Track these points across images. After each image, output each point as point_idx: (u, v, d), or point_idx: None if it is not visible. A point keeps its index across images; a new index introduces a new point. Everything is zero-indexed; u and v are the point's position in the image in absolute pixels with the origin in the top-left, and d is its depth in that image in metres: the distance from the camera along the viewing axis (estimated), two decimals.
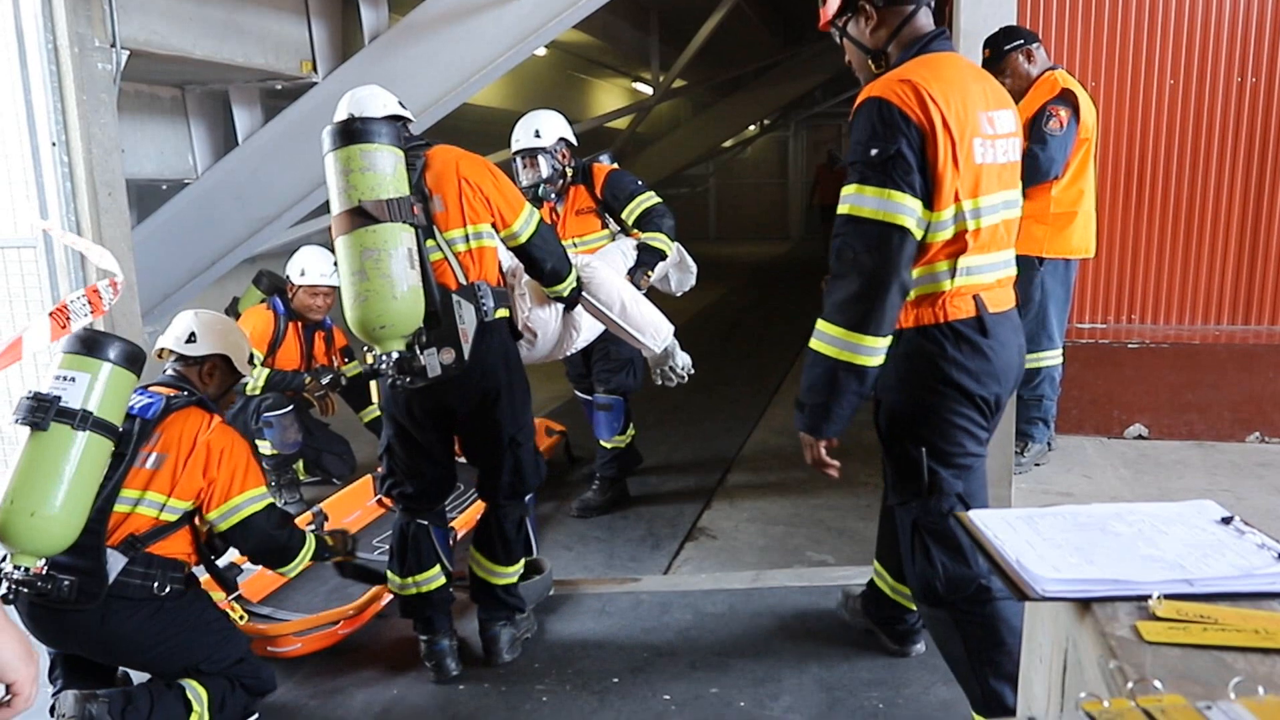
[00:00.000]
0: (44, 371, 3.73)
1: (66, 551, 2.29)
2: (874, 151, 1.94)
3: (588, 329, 3.33)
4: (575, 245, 3.94)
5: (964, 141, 1.97)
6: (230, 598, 3.02)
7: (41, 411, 2.27)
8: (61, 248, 4.03)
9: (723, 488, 4.56)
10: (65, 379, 2.33)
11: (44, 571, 2.31)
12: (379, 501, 4.26)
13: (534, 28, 5.36)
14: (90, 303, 3.07)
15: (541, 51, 8.40)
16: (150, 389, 2.61)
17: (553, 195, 3.95)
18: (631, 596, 3.26)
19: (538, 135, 3.89)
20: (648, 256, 3.79)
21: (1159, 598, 1.08)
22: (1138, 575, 1.13)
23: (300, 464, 4.60)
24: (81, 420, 2.28)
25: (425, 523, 2.87)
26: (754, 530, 4.01)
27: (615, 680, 2.74)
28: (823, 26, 2.30)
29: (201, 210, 5.81)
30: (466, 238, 2.64)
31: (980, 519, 1.30)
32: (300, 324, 4.47)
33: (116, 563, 2.38)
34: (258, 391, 4.29)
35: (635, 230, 3.92)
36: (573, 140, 4.00)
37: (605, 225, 4.06)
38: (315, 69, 5.65)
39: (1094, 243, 3.86)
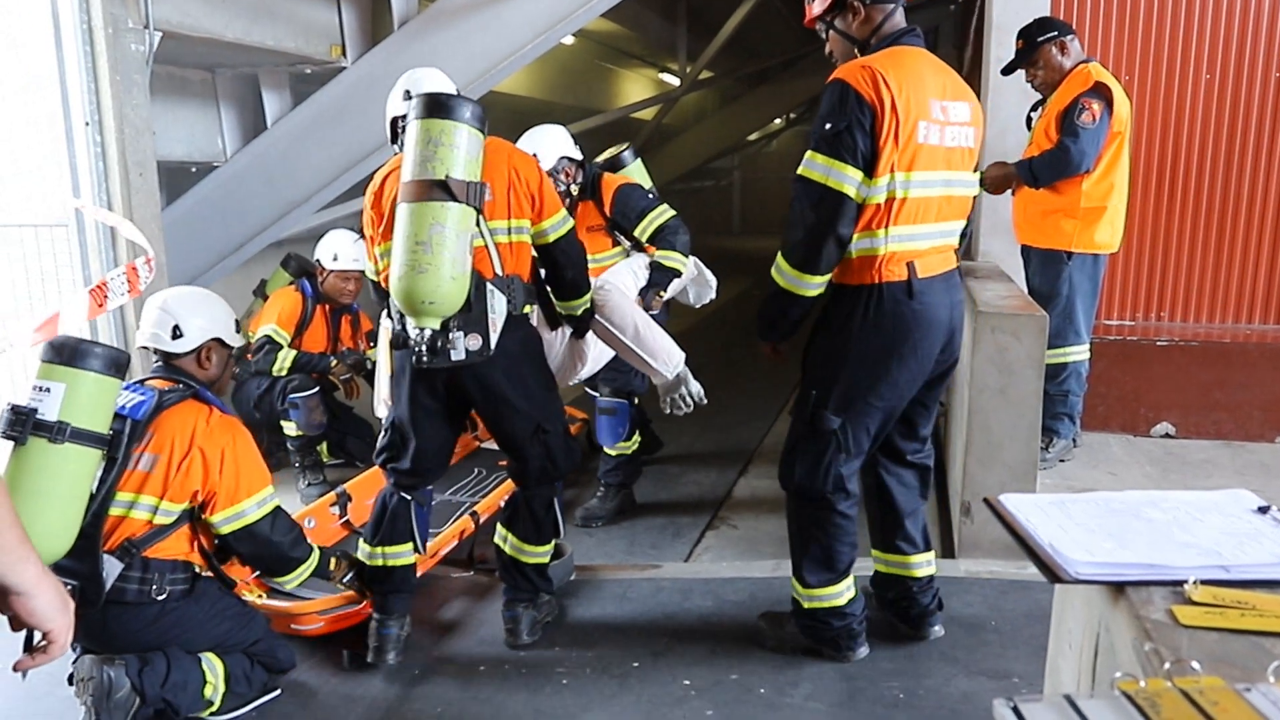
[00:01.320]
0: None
1: (65, 557, 2.26)
2: (828, 126, 2.30)
3: (594, 360, 3.27)
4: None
5: (907, 122, 2.28)
6: (252, 576, 3.05)
7: (19, 425, 2.18)
8: (93, 226, 4.08)
9: (744, 478, 4.56)
10: (41, 389, 2.24)
11: None
12: None
13: (562, 15, 5.36)
14: (128, 281, 3.09)
15: (569, 40, 8.40)
16: (144, 384, 2.55)
17: None
18: (652, 582, 3.27)
19: (536, 159, 3.80)
20: (660, 276, 3.71)
21: (1195, 583, 1.07)
22: (1173, 560, 1.12)
23: (324, 446, 4.63)
24: (59, 433, 2.19)
25: (409, 498, 2.86)
26: (775, 521, 3.99)
27: (636, 664, 2.75)
28: (809, 22, 2.60)
29: (230, 193, 5.85)
30: (509, 230, 2.65)
31: (1013, 503, 1.29)
32: (328, 307, 4.51)
33: (113, 568, 2.36)
34: (284, 372, 4.33)
35: (649, 246, 3.80)
36: (575, 155, 3.84)
37: (617, 243, 3.92)
38: (344, 53, 5.68)
39: (1119, 239, 3.82)
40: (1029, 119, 3.89)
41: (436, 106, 2.48)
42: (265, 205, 5.88)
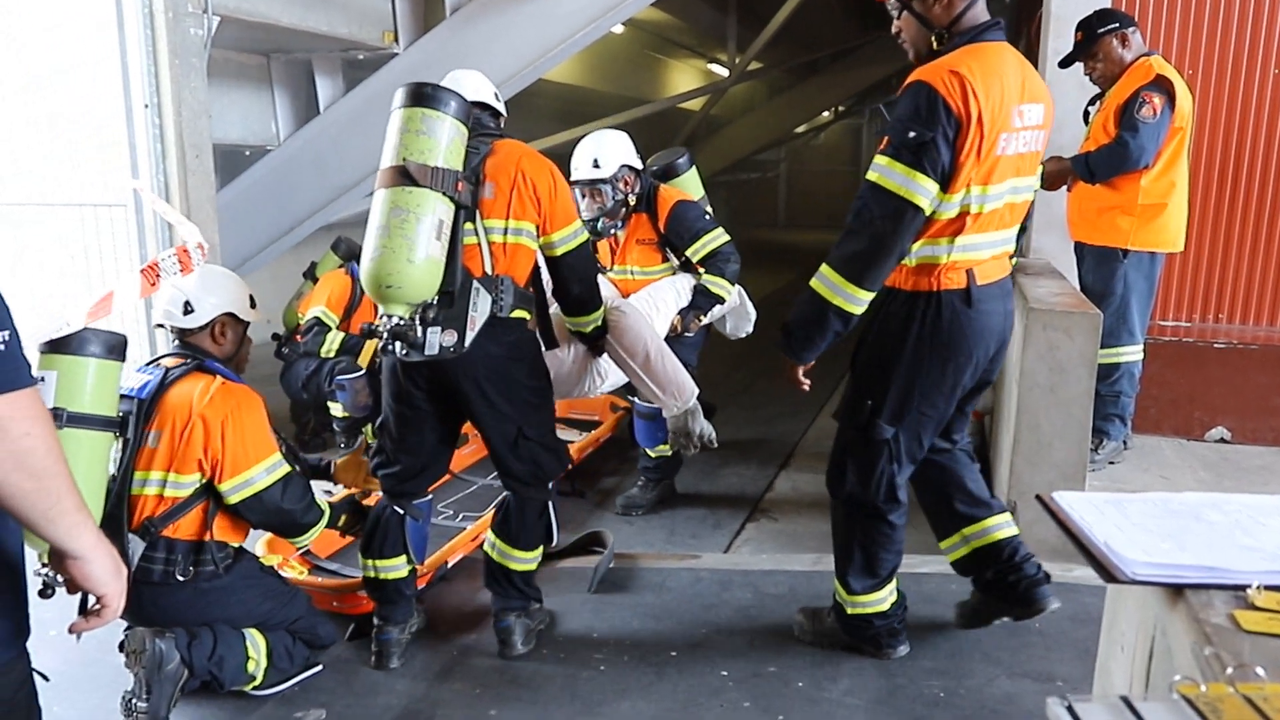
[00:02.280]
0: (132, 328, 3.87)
1: None
2: (912, 134, 2.15)
3: (616, 374, 3.20)
4: (633, 275, 3.81)
5: (990, 136, 2.16)
6: (297, 553, 3.11)
7: None
8: (150, 208, 4.16)
9: (785, 472, 4.54)
10: (39, 380, 2.15)
11: None
12: None
13: (613, 4, 5.36)
14: (180, 261, 3.15)
15: (619, 29, 8.40)
16: (156, 363, 2.58)
17: (613, 230, 3.74)
18: (691, 573, 3.27)
19: (596, 165, 3.62)
20: (703, 300, 3.66)
21: (1259, 588, 1.04)
22: (1235, 564, 1.09)
23: (370, 428, 4.69)
24: (56, 419, 2.18)
25: (401, 512, 2.78)
26: (816, 515, 3.97)
27: (673, 654, 2.75)
28: None
29: (282, 177, 5.95)
30: (505, 230, 2.57)
31: (1066, 501, 1.27)
32: None
33: (137, 548, 2.40)
34: (332, 354, 4.39)
35: (699, 267, 3.74)
36: (636, 164, 3.73)
37: (666, 259, 3.84)
38: (396, 39, 5.74)
39: (1183, 237, 3.72)
40: (1086, 113, 3.80)
41: (409, 96, 2.48)
42: (316, 189, 5.97)
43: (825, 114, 16.85)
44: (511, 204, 2.57)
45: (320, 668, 2.70)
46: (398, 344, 2.48)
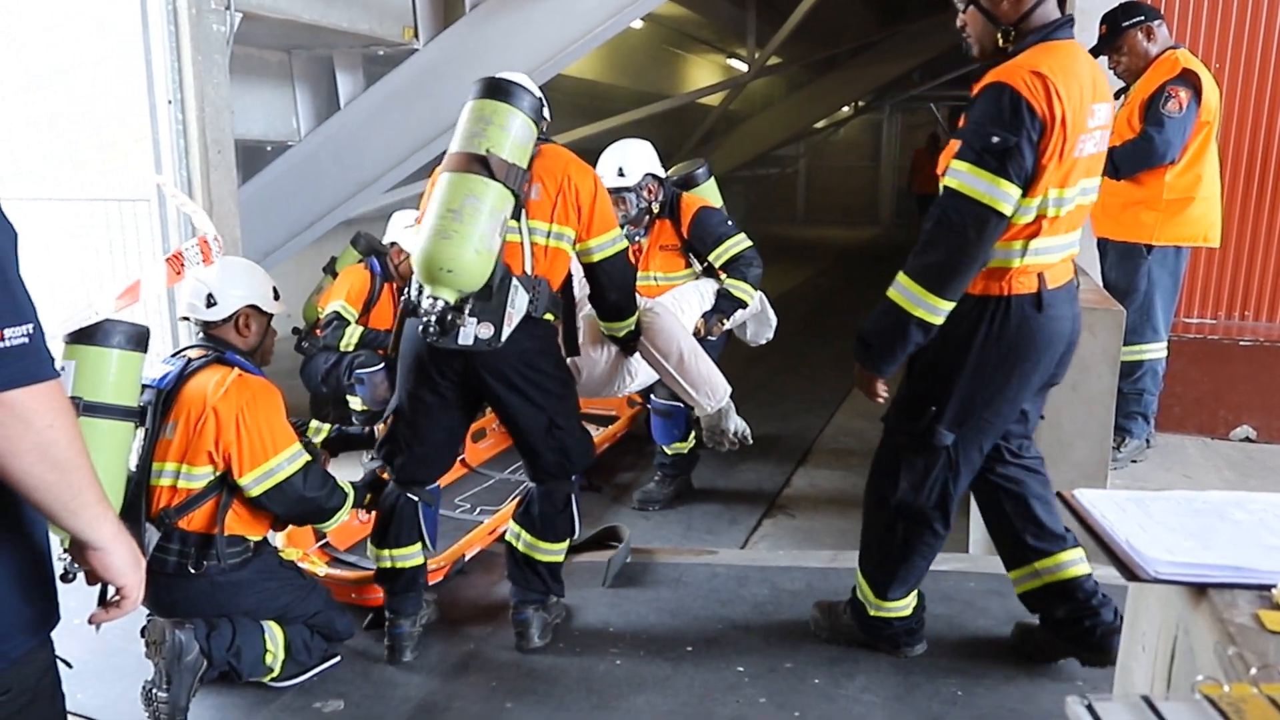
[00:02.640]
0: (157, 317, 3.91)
1: None
2: (995, 139, 2.06)
3: (644, 375, 3.22)
4: (656, 280, 3.83)
5: (1071, 138, 2.09)
6: (316, 546, 3.13)
7: None
8: (173, 204, 4.20)
9: (803, 467, 4.52)
10: (60, 370, 2.21)
11: None
12: (462, 461, 4.36)
13: None
14: (202, 251, 3.18)
15: (638, 24, 8.39)
16: (179, 354, 2.60)
17: (637, 237, 3.81)
18: (708, 568, 3.26)
19: (621, 174, 3.70)
20: (726, 304, 3.69)
21: None
22: (1260, 564, 1.07)
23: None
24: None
25: (415, 499, 2.79)
26: (833, 511, 3.97)
27: (689, 649, 2.75)
28: None
29: (303, 172, 5.99)
30: (548, 233, 2.61)
31: (1088, 498, 1.26)
32: (395, 285, 4.58)
33: (152, 537, 2.43)
34: (351, 348, 4.42)
35: (721, 272, 3.78)
36: (659, 173, 3.81)
37: (689, 264, 3.90)
38: (416, 35, 5.75)
39: (1218, 231, 3.66)
40: None
41: (494, 89, 2.50)
42: (336, 184, 6.01)
43: (845, 109, 16.75)
44: (556, 208, 2.60)
45: (338, 659, 2.72)
46: (437, 328, 2.47)
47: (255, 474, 2.46)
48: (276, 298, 2.75)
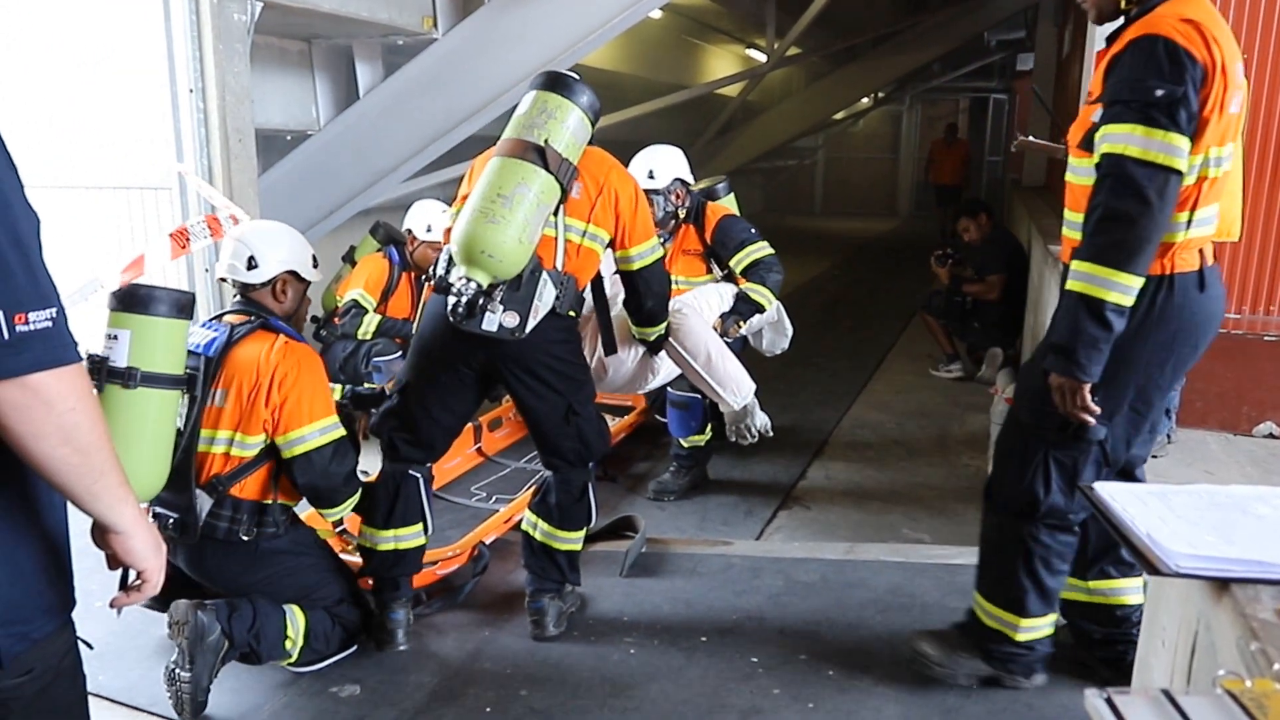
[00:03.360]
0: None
1: (165, 491, 2.38)
2: (1160, 92, 1.90)
3: (665, 372, 3.26)
4: (677, 284, 3.82)
5: (1230, 89, 1.95)
6: (336, 531, 3.15)
7: (96, 374, 2.22)
8: (194, 191, 4.23)
9: (819, 460, 4.51)
10: (111, 337, 2.28)
11: (150, 512, 2.45)
12: (479, 450, 4.38)
13: None
14: (210, 227, 3.19)
15: (657, 14, 8.35)
16: (220, 320, 2.62)
17: (663, 237, 3.80)
18: (722, 559, 3.26)
19: (651, 176, 3.76)
20: (744, 307, 3.71)
21: None
22: None
23: None
24: (129, 378, 2.24)
25: (418, 475, 2.78)
26: (849, 503, 3.96)
27: (703, 639, 2.75)
28: None
29: (322, 162, 6.01)
30: (584, 233, 2.63)
31: (1108, 491, 1.24)
32: (413, 274, 4.60)
33: (204, 503, 2.47)
34: (369, 336, 4.44)
35: (741, 278, 3.82)
36: (688, 179, 3.87)
37: (710, 270, 3.97)
38: (436, 25, 5.74)
39: (1238, 225, 3.61)
40: None
41: (558, 82, 2.51)
42: (355, 174, 6.02)
43: (864, 100, 16.63)
44: (595, 209, 2.63)
45: (355, 648, 2.73)
46: (465, 310, 2.46)
47: (288, 437, 2.49)
48: (315, 266, 2.79)
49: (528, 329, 2.50)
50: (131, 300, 2.29)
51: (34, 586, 1.19)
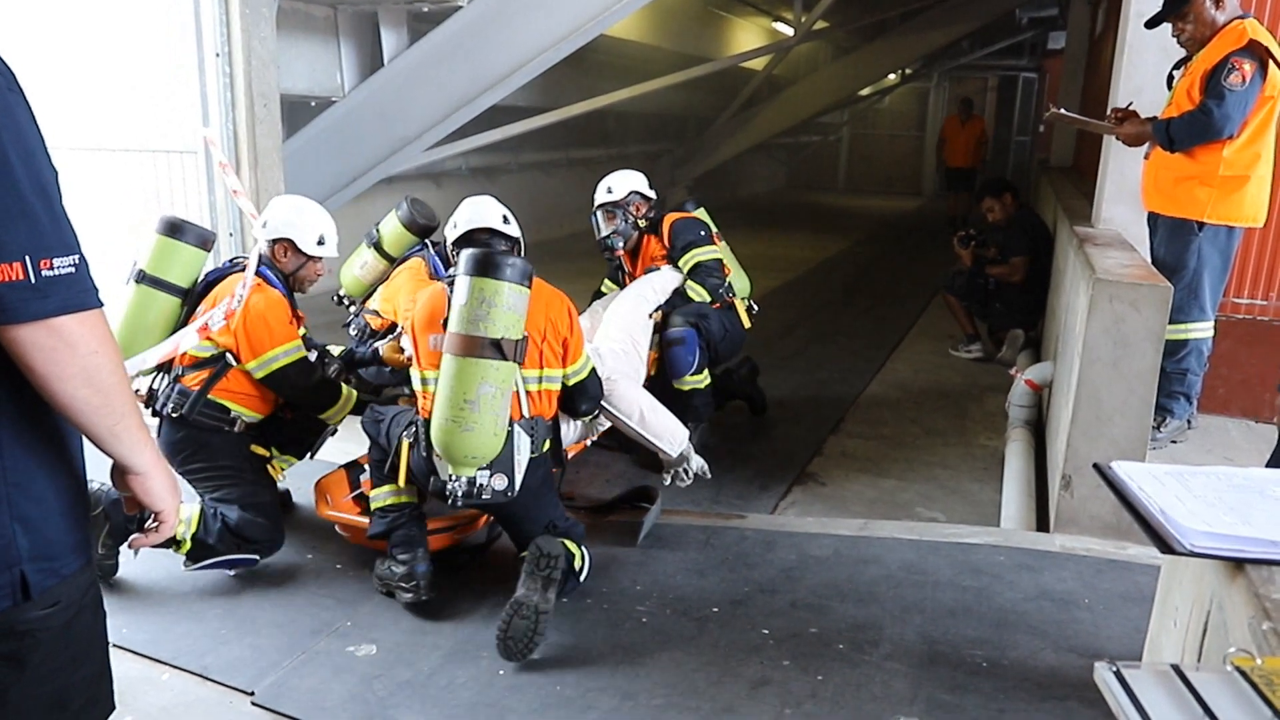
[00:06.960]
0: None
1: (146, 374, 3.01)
2: None
3: (618, 409, 3.41)
4: None
5: None
6: (351, 495, 3.19)
7: (131, 272, 3.06)
8: (220, 153, 4.25)
9: (835, 436, 4.51)
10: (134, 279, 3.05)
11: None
12: None
13: None
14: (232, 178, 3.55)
15: None
16: (234, 260, 3.18)
17: (621, 244, 4.13)
18: (736, 532, 3.28)
19: (610, 191, 4.11)
20: (680, 302, 3.95)
21: None
22: None
23: None
24: (140, 278, 3.02)
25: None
26: (864, 481, 3.97)
27: (715, 610, 2.78)
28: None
29: (346, 128, 6.02)
30: (540, 379, 2.77)
31: (1125, 470, 1.24)
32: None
33: (161, 383, 3.05)
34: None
35: (687, 279, 4.03)
36: (647, 193, 4.15)
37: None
38: None
39: (1264, 211, 3.57)
40: (1170, 77, 3.65)
41: (487, 266, 2.54)
42: (379, 141, 6.03)
43: (891, 77, 16.41)
44: (544, 355, 2.76)
45: (256, 561, 2.94)
46: (463, 500, 2.60)
47: (257, 361, 2.95)
48: (321, 243, 3.13)
49: (518, 486, 2.65)
50: (164, 225, 3.09)
51: (62, 525, 1.25)
